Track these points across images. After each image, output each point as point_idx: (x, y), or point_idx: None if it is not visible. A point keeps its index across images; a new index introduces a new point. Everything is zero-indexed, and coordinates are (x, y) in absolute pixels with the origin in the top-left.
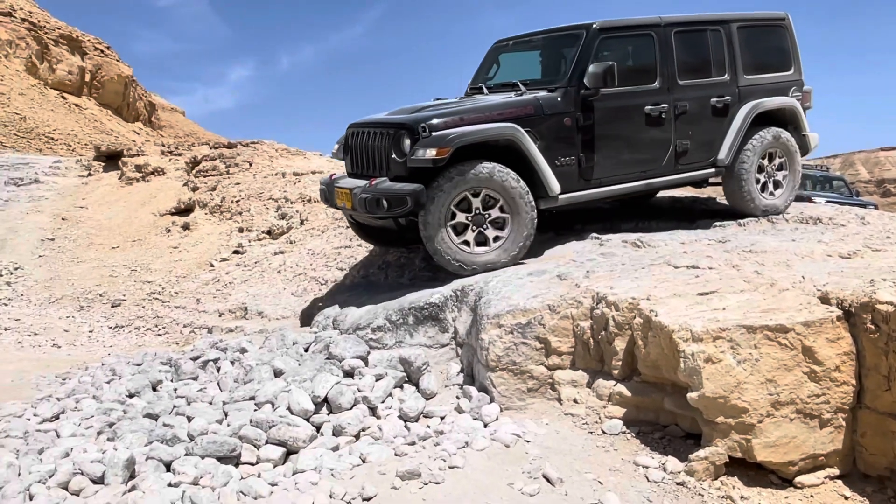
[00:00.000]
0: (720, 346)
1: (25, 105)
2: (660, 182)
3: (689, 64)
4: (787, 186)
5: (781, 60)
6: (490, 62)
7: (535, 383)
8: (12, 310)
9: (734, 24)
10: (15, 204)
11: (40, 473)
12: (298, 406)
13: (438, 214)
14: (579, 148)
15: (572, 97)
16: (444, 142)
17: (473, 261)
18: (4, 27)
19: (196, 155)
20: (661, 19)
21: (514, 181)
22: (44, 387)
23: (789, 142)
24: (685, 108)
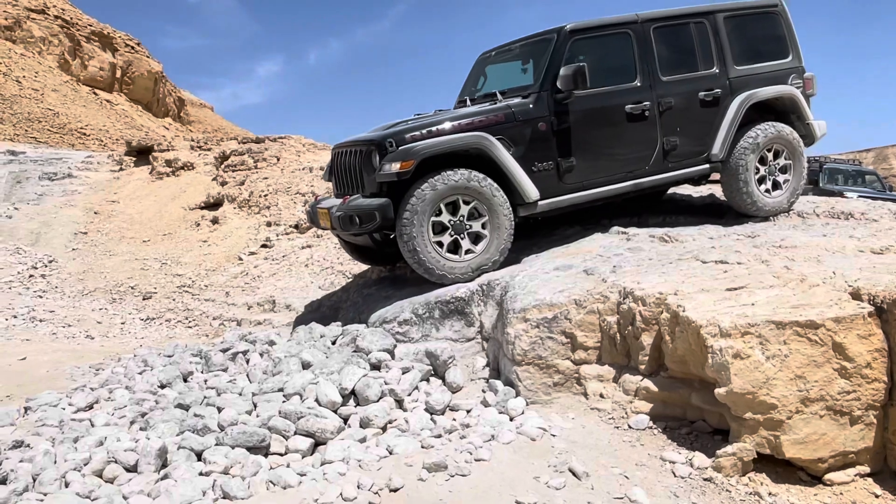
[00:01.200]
0: (749, 341)
1: (58, 101)
2: (649, 182)
3: (671, 59)
4: (791, 184)
5: (777, 48)
6: (477, 74)
7: (561, 378)
8: (47, 301)
9: (720, 15)
10: (49, 198)
11: (75, 461)
12: (326, 398)
13: (417, 226)
14: (556, 152)
15: (545, 102)
16: (408, 154)
17: (455, 268)
18: (38, 24)
19: (225, 150)
20: (638, 16)
21: (489, 187)
22: (78, 377)
23: (792, 137)
24: (670, 104)
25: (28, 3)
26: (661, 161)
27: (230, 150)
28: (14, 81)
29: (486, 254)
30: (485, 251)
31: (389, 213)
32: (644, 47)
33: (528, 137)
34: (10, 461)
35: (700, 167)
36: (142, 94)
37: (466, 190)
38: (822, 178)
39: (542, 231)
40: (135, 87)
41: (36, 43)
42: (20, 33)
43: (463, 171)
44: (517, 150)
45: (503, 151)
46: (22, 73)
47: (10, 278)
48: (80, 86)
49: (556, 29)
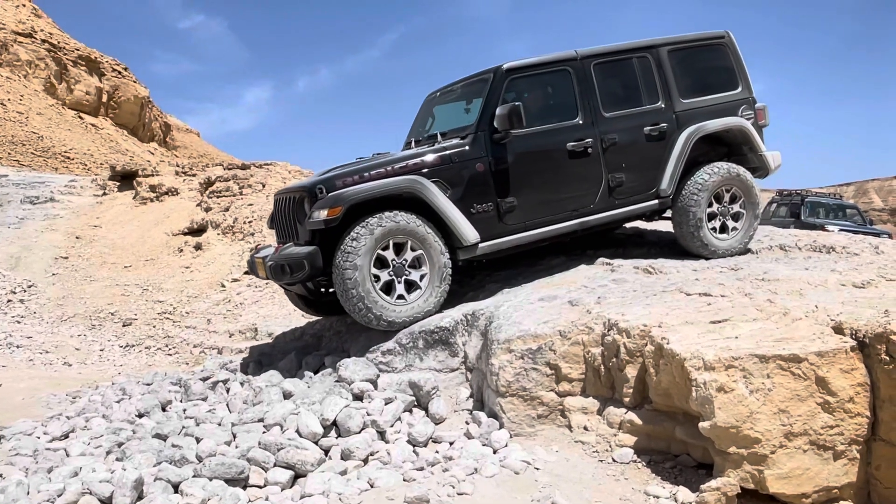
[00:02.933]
0: (732, 375)
1: (43, 124)
2: (596, 220)
3: (614, 95)
4: (744, 226)
5: (725, 80)
6: (425, 115)
7: (545, 410)
8: (25, 327)
9: (663, 49)
10: (30, 222)
11: (49, 493)
12: (307, 429)
13: (353, 272)
14: (496, 193)
15: (482, 142)
16: (336, 201)
17: (391, 314)
18: (25, 48)
19: (210, 176)
20: (577, 53)
21: (423, 230)
22: (54, 405)
23: (745, 177)
24: (614, 141)
25: (15, 26)
26: (607, 198)
27: (215, 176)
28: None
29: (424, 296)
30: (424, 294)
31: (318, 261)
32: (585, 84)
33: (465, 179)
34: None
35: (649, 203)
36: (128, 119)
37: (403, 233)
38: (803, 212)
39: (526, 261)
40: (121, 111)
41: (22, 66)
42: (6, 56)
43: (397, 215)
44: (454, 192)
45: (437, 194)
46: (7, 95)
47: None
48: (65, 109)
49: (494, 68)
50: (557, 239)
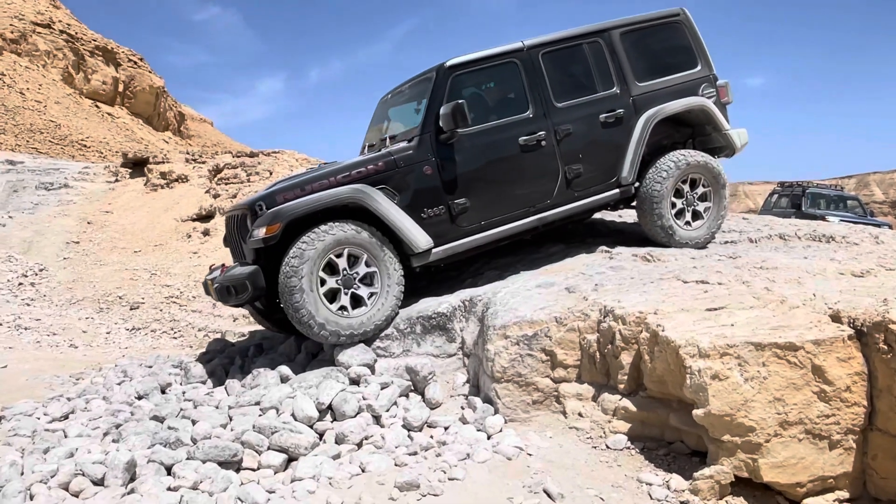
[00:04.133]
0: (727, 362)
1: (61, 113)
2: (555, 214)
3: (566, 84)
4: (710, 216)
5: (683, 59)
6: (380, 118)
7: (540, 396)
8: (34, 310)
9: (615, 32)
10: (44, 207)
11: (42, 473)
12: (302, 413)
13: (298, 290)
14: (446, 195)
15: (428, 144)
16: (274, 218)
17: (342, 329)
18: (43, 38)
19: (218, 163)
20: (524, 44)
21: (370, 240)
22: (57, 386)
23: (710, 164)
24: (568, 131)
25: (34, 17)
26: (565, 191)
27: (224, 164)
28: (18, 93)
29: (370, 313)
30: (376, 304)
31: (259, 281)
32: (533, 75)
33: (412, 183)
34: None
35: (610, 192)
36: (143, 108)
37: (348, 244)
38: (804, 203)
39: (526, 248)
40: (136, 101)
41: (41, 56)
42: (26, 46)
43: (336, 227)
44: (402, 197)
45: (383, 202)
46: (26, 85)
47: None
48: (82, 99)
49: (437, 66)
50: (517, 237)
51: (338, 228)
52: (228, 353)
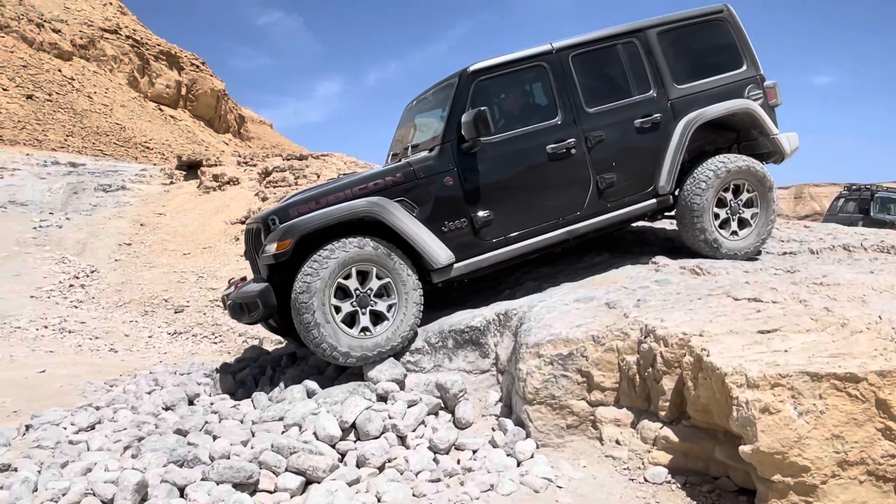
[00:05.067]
0: (779, 394)
1: (126, 116)
2: (587, 226)
3: (598, 88)
4: (757, 224)
5: (727, 59)
6: (407, 125)
7: (575, 420)
8: (80, 312)
9: (652, 31)
10: (102, 209)
11: (53, 491)
12: (324, 431)
13: (309, 309)
14: (469, 208)
15: (450, 154)
16: (285, 233)
17: (356, 350)
18: (110, 44)
19: (268, 166)
20: (552, 46)
21: (387, 256)
22: (89, 394)
23: (756, 169)
24: (601, 138)
25: (102, 23)
26: (597, 202)
27: (273, 167)
28: (86, 97)
29: (394, 327)
30: (397, 316)
31: (270, 299)
32: (563, 79)
33: (433, 195)
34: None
35: (647, 203)
36: (204, 111)
37: (364, 261)
38: (873, 207)
39: (568, 258)
40: (198, 103)
41: (108, 61)
42: (94, 52)
43: (351, 242)
44: (422, 210)
45: (401, 216)
46: (93, 89)
47: (51, 287)
48: (146, 102)
49: (460, 71)
50: (545, 250)
51: (340, 250)
52: (262, 361)
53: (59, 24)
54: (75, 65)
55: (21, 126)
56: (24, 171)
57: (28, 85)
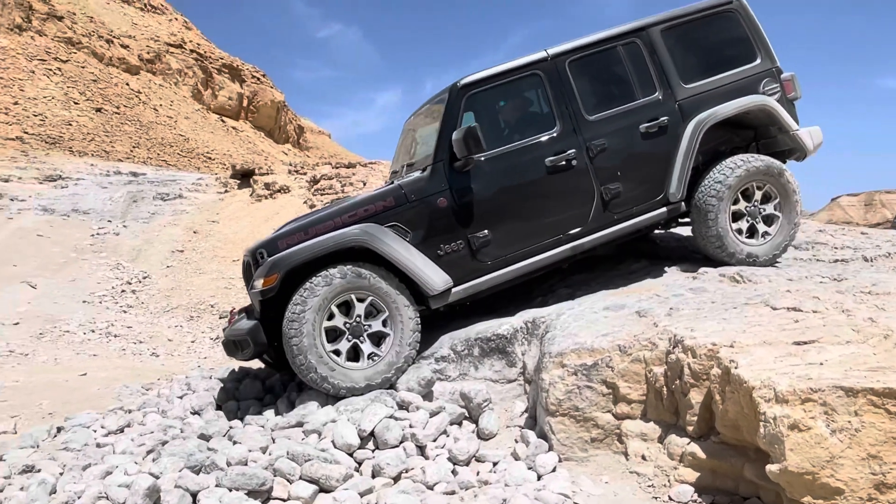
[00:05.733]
0: (810, 410)
1: (189, 128)
2: (592, 240)
3: (598, 93)
4: (778, 229)
5: (739, 53)
6: (406, 141)
7: (600, 433)
8: (128, 317)
9: (655, 29)
10: (159, 217)
11: (69, 494)
12: (342, 440)
13: (299, 344)
14: (464, 229)
15: (441, 173)
16: (271, 268)
17: (377, 374)
18: (175, 58)
19: (316, 174)
20: (548, 53)
21: (378, 283)
22: (124, 397)
23: (775, 169)
24: (603, 147)
25: (168, 38)
26: (602, 214)
27: (321, 175)
28: (152, 109)
29: (397, 336)
30: (396, 333)
31: (260, 337)
32: (560, 87)
33: (426, 218)
34: (12, 487)
35: (657, 212)
36: (265, 122)
37: (355, 290)
38: None
39: (605, 264)
40: (259, 115)
41: (173, 74)
42: (160, 66)
43: (350, 268)
44: (415, 234)
45: (392, 243)
46: (159, 101)
47: (104, 292)
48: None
49: (450, 86)
50: (549, 268)
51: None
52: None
53: (128, 40)
54: (142, 78)
55: (90, 138)
56: (87, 181)
57: (98, 98)
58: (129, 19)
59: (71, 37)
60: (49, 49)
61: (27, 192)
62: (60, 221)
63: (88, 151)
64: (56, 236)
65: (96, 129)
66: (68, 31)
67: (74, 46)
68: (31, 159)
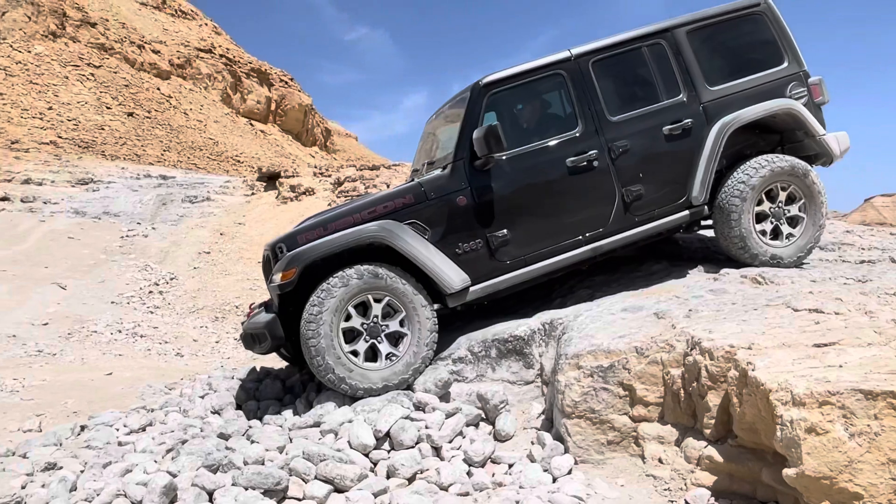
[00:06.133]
0: (828, 413)
1: (218, 131)
2: (612, 242)
3: (621, 94)
4: (803, 230)
5: (766, 56)
6: (428, 140)
7: (617, 436)
8: (155, 318)
9: (680, 31)
10: (187, 219)
11: (88, 491)
12: (358, 440)
13: (315, 341)
14: (483, 228)
15: (462, 172)
16: (289, 263)
17: (396, 375)
18: (205, 62)
19: (340, 177)
20: (571, 53)
21: (399, 282)
22: (147, 396)
23: (798, 169)
24: (626, 148)
25: (198, 43)
26: (623, 216)
27: (345, 177)
28: (182, 114)
29: (415, 335)
30: (414, 332)
31: (277, 331)
32: (583, 87)
33: (445, 216)
34: (34, 484)
35: (679, 215)
36: (292, 125)
37: (374, 289)
38: None
39: (626, 266)
40: (287, 118)
41: (203, 79)
42: (190, 70)
43: (366, 269)
44: (434, 232)
45: (411, 240)
46: (189, 106)
47: (131, 293)
48: (238, 117)
49: (472, 84)
50: (568, 269)
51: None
52: None
53: (159, 45)
54: (173, 83)
55: (122, 142)
56: (118, 184)
57: (129, 103)
58: (160, 25)
59: (104, 42)
60: (82, 55)
61: (60, 195)
62: (91, 224)
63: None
64: (86, 238)
65: (128, 134)
66: (101, 37)
67: (107, 52)
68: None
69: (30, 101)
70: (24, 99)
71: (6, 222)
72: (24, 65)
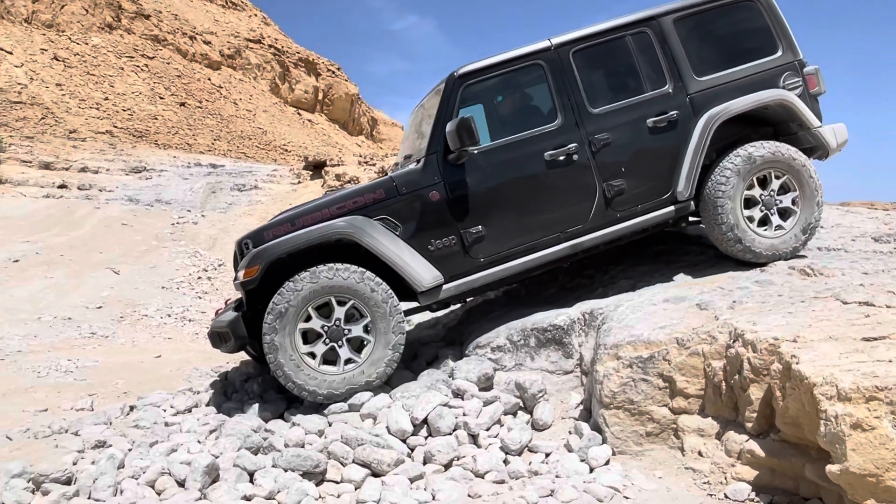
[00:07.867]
0: (875, 409)
1: (267, 121)
2: (593, 239)
3: (603, 85)
4: (796, 220)
5: (759, 44)
6: (413, 131)
7: (656, 427)
8: (203, 303)
9: (667, 19)
10: (236, 207)
11: (134, 469)
12: (396, 425)
13: (281, 338)
14: (457, 224)
15: (434, 166)
16: (253, 260)
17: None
18: (254, 53)
19: (383, 165)
20: (551, 42)
21: (364, 282)
22: (194, 379)
23: (789, 155)
24: (607, 141)
25: (248, 34)
26: (604, 212)
27: (387, 166)
28: (232, 104)
29: (369, 362)
30: (379, 328)
31: (240, 330)
32: (563, 78)
33: (417, 211)
34: (84, 461)
35: (663, 210)
36: (339, 115)
37: (336, 291)
38: None
39: (669, 255)
40: (333, 107)
41: (252, 69)
42: (239, 61)
43: (330, 268)
44: (406, 228)
45: (379, 236)
46: (239, 96)
47: (181, 279)
48: (286, 107)
49: (448, 76)
50: (547, 267)
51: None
52: None
53: (210, 36)
54: (223, 73)
55: (174, 131)
56: (170, 172)
57: (181, 93)
58: (211, 16)
59: (157, 34)
60: (137, 46)
61: (114, 183)
62: (144, 211)
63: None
64: (139, 225)
65: (180, 123)
66: (154, 28)
67: (160, 43)
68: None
69: (87, 92)
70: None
71: (64, 209)
72: (82, 56)
